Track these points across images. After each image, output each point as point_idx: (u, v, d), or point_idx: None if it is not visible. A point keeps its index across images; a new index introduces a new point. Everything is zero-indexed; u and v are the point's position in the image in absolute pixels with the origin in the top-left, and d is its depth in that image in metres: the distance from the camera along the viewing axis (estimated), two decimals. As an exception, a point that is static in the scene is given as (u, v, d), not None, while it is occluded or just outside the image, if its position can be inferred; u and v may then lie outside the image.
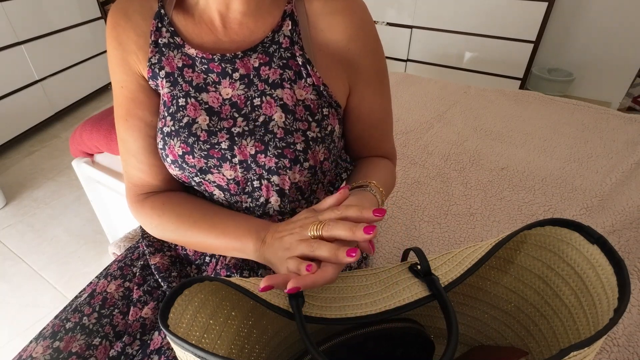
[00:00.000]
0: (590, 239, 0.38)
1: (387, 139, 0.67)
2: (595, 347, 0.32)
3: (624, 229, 0.87)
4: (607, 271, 0.36)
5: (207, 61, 0.53)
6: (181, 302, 0.37)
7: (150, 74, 0.55)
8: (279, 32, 0.54)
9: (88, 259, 1.60)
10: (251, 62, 0.54)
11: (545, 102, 1.46)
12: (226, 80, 0.54)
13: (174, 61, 0.54)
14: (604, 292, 0.36)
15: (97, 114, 1.26)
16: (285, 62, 0.54)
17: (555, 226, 0.40)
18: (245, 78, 0.54)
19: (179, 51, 0.54)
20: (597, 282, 0.37)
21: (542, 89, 2.25)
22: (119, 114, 0.58)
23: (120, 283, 0.63)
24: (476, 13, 2.26)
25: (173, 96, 0.54)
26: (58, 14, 2.42)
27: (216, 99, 0.54)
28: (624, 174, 1.04)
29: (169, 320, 0.35)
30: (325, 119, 0.55)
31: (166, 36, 0.55)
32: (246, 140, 0.53)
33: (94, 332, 0.56)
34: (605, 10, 2.14)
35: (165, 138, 0.54)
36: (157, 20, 0.54)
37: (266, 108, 0.53)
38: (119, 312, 0.59)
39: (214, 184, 0.55)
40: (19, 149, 2.31)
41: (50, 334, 0.55)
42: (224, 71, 0.54)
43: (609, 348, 0.65)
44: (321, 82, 0.54)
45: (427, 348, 0.48)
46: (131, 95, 0.57)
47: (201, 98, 0.54)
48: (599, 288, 0.36)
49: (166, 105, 0.55)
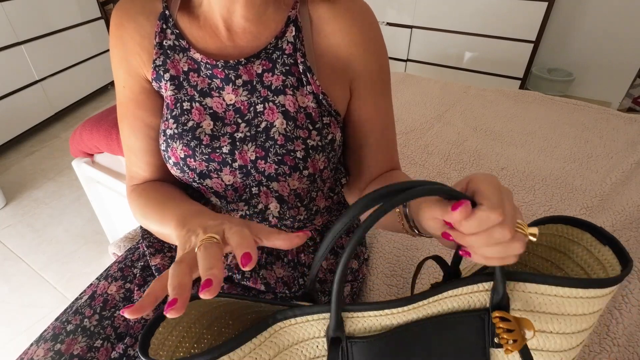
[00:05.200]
0: (603, 239, 0.38)
1: (394, 148, 0.64)
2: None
3: (624, 229, 0.87)
4: (617, 272, 0.36)
5: (211, 67, 0.53)
6: (166, 325, 0.34)
7: (155, 75, 0.55)
8: (282, 39, 0.53)
9: (88, 259, 1.60)
10: (254, 68, 0.53)
11: (545, 102, 1.46)
12: (229, 86, 0.54)
13: (179, 64, 0.54)
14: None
15: (97, 114, 1.26)
16: (288, 69, 0.53)
17: (567, 225, 0.40)
18: (249, 84, 0.53)
19: (184, 55, 0.54)
20: None
21: (542, 89, 2.24)
22: (120, 112, 0.59)
23: (121, 284, 0.63)
24: (476, 13, 2.26)
25: (177, 99, 0.54)
26: (58, 14, 2.42)
27: (220, 104, 0.54)
28: (624, 174, 1.04)
29: (150, 348, 0.32)
30: (326, 128, 0.55)
31: (171, 38, 0.54)
32: (247, 146, 0.52)
33: (95, 334, 0.56)
34: (605, 11, 2.14)
35: (168, 140, 0.54)
36: (161, 21, 0.54)
37: (268, 114, 0.53)
38: (120, 314, 0.59)
39: (211, 190, 0.55)
40: (19, 149, 2.31)
41: (51, 337, 0.55)
42: (227, 77, 0.53)
43: (609, 348, 0.65)
44: (320, 91, 0.53)
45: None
46: (132, 96, 0.57)
47: (205, 103, 0.54)
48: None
49: (169, 107, 0.54)
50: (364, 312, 0.35)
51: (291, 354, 0.36)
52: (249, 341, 0.33)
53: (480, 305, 0.36)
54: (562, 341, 0.37)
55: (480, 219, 0.30)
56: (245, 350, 0.33)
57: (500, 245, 0.31)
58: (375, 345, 0.35)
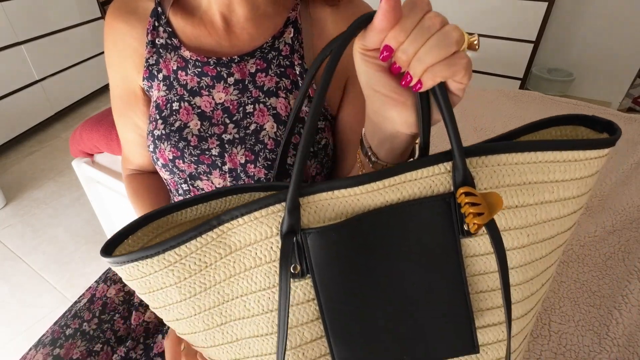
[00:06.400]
0: (598, 127, 0.35)
1: None
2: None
3: (624, 229, 0.87)
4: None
5: (201, 64, 0.52)
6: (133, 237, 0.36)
7: (147, 74, 0.54)
8: (280, 39, 0.52)
9: (88, 259, 1.60)
10: (248, 67, 0.52)
11: (545, 102, 1.46)
12: (220, 84, 0.52)
13: (170, 63, 0.53)
14: None
15: (97, 114, 1.26)
16: (283, 71, 0.52)
17: (559, 126, 0.37)
18: (240, 83, 0.52)
19: (175, 53, 0.53)
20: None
21: (542, 89, 2.24)
22: (113, 106, 0.62)
23: (120, 287, 0.62)
24: (476, 13, 2.26)
25: (168, 100, 0.53)
26: (58, 14, 2.42)
27: (209, 103, 0.52)
28: (624, 174, 1.04)
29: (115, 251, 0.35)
30: (319, 133, 0.53)
31: (164, 36, 0.54)
32: (236, 149, 0.51)
33: (94, 338, 0.55)
34: (605, 11, 2.14)
35: (156, 141, 0.53)
36: (153, 18, 0.53)
37: (258, 116, 0.51)
38: (119, 317, 0.59)
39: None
40: (19, 149, 2.31)
41: (49, 341, 0.55)
42: (219, 75, 0.52)
43: (609, 348, 0.65)
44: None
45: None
46: (123, 94, 0.58)
47: (194, 102, 0.52)
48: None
49: (159, 108, 0.53)
50: (318, 193, 0.32)
51: (244, 255, 0.33)
52: (194, 239, 0.33)
53: (444, 190, 0.32)
54: (527, 214, 0.33)
55: (407, 7, 0.27)
56: (192, 247, 0.33)
57: (437, 42, 0.27)
58: (331, 234, 0.32)
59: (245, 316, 0.35)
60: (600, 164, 0.34)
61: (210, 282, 0.34)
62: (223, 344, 0.36)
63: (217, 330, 0.36)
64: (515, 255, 0.34)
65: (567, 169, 0.33)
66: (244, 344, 0.36)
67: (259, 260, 0.33)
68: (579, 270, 0.79)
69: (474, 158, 0.32)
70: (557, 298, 0.73)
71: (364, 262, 0.33)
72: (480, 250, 0.34)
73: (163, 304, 0.35)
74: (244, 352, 0.36)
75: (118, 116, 0.61)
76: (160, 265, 0.33)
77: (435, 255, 0.33)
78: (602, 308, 0.71)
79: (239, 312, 0.35)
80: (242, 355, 0.36)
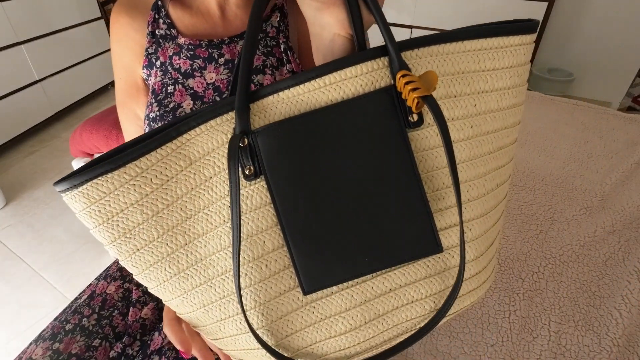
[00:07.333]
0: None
1: None
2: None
3: (624, 229, 0.87)
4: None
5: (193, 47, 0.56)
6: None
7: (146, 62, 0.57)
8: (267, 22, 0.57)
9: (88, 259, 1.60)
10: (237, 48, 0.56)
11: (545, 102, 1.46)
12: (211, 65, 0.56)
13: (167, 51, 0.57)
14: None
15: (97, 114, 1.26)
16: (270, 50, 0.56)
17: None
18: (230, 63, 0.56)
19: (173, 42, 0.57)
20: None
21: (542, 89, 2.24)
22: (117, 99, 0.63)
23: (119, 284, 0.63)
24: (476, 13, 2.26)
25: (163, 84, 0.56)
26: (58, 14, 2.42)
27: (201, 84, 0.55)
28: (624, 174, 1.04)
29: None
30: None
31: (163, 28, 0.57)
32: None
33: (93, 334, 0.56)
34: (605, 11, 2.14)
35: (151, 123, 0.55)
36: (154, 11, 0.57)
37: None
38: (118, 313, 0.59)
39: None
40: (19, 149, 2.31)
41: (49, 336, 0.55)
42: (210, 56, 0.56)
43: (609, 348, 0.64)
44: (300, 69, 0.56)
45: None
46: (125, 87, 0.60)
47: (188, 84, 0.55)
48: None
49: (155, 92, 0.56)
50: (265, 97, 0.34)
51: (204, 165, 0.34)
52: (154, 151, 0.33)
53: (386, 84, 0.33)
54: (467, 104, 0.35)
55: None
56: (152, 159, 0.33)
57: None
58: (279, 132, 0.33)
59: (208, 230, 0.35)
60: (527, 51, 0.37)
61: (172, 197, 0.34)
62: (188, 268, 0.35)
63: (182, 253, 0.35)
64: (462, 147, 0.35)
65: (494, 56, 0.35)
66: (209, 262, 0.35)
67: (217, 168, 0.34)
68: (578, 270, 0.79)
69: (408, 51, 0.33)
70: (557, 298, 0.73)
71: (315, 161, 0.34)
72: (429, 144, 0.34)
73: (123, 231, 0.34)
74: (209, 273, 0.36)
75: (121, 108, 0.62)
76: (121, 180, 0.32)
77: (385, 150, 0.34)
78: (602, 308, 0.71)
79: (202, 228, 0.35)
80: (207, 277, 0.36)
